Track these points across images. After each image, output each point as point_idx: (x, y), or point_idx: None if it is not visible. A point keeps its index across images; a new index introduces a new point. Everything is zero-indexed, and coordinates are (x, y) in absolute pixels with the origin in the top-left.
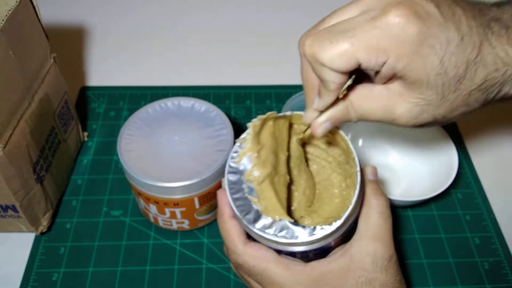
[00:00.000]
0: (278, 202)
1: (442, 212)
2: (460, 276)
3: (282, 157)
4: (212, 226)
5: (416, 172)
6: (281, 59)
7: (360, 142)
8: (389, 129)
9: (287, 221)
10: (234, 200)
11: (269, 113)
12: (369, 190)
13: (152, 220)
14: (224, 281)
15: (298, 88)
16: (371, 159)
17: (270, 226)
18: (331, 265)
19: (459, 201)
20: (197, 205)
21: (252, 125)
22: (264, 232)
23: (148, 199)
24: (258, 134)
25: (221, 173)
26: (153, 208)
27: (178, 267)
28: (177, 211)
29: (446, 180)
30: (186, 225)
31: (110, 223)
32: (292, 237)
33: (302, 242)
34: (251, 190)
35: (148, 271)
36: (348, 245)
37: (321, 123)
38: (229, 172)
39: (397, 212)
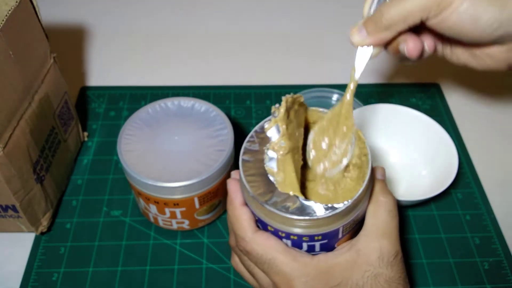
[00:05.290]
0: (296, 178)
1: (442, 212)
2: (460, 276)
3: (300, 140)
4: (212, 226)
5: (416, 172)
6: (281, 59)
7: None
8: (389, 129)
9: (300, 198)
10: (247, 179)
11: (299, 94)
12: (377, 189)
13: (152, 220)
14: (224, 281)
15: (298, 88)
16: (371, 159)
17: (282, 203)
18: (338, 258)
19: (459, 201)
20: (197, 205)
21: (285, 99)
22: (276, 208)
23: (148, 199)
24: (288, 109)
25: (221, 173)
26: (153, 208)
27: (178, 267)
28: (177, 211)
29: (446, 180)
30: (186, 225)
31: (110, 223)
32: (303, 214)
33: (312, 219)
34: (271, 160)
35: (148, 271)
36: (355, 240)
37: None
38: (244, 153)
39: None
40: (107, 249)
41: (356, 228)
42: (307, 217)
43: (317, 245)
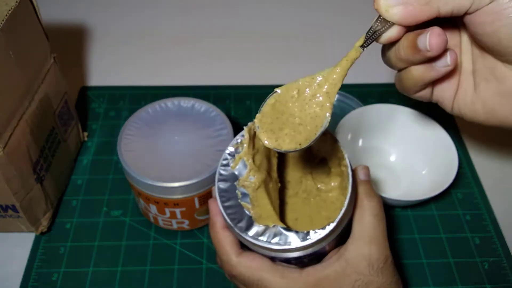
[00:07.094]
0: (273, 209)
1: (442, 212)
2: (460, 276)
3: (274, 162)
4: None
5: (416, 172)
6: (281, 59)
7: (360, 142)
8: (389, 129)
9: (280, 227)
10: (225, 208)
11: None
12: (362, 191)
13: (152, 220)
14: (224, 281)
15: None
16: (371, 159)
17: (263, 233)
18: (327, 270)
19: (459, 201)
20: (197, 205)
21: (248, 129)
22: (257, 239)
23: (148, 199)
24: (253, 138)
25: None
26: (153, 208)
27: (178, 267)
28: (177, 211)
29: (446, 180)
30: (186, 225)
31: (110, 223)
32: (285, 243)
33: (296, 248)
34: (245, 196)
35: (148, 271)
36: (343, 248)
37: None
38: (220, 180)
39: (397, 212)
40: (107, 249)
41: (343, 232)
42: (290, 247)
43: (306, 261)
